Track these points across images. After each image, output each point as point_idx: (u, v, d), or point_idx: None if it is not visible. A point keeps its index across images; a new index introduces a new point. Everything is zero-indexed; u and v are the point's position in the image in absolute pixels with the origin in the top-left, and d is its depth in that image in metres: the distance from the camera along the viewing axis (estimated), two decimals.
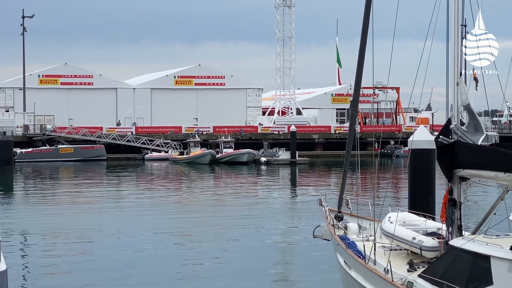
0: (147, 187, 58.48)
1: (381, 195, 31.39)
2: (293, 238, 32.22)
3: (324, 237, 21.38)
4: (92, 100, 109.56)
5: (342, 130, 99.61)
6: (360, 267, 17.03)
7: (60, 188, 57.73)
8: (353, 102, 21.70)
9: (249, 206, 43.95)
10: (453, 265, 14.29)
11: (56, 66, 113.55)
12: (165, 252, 28.16)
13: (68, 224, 35.64)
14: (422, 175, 24.71)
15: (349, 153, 20.82)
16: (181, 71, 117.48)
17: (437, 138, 15.93)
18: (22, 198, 50.86)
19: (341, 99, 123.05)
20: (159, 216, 38.97)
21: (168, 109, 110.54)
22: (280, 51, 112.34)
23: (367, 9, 19.32)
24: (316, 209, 29.45)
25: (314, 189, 52.84)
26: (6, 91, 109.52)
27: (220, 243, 30.79)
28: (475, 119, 15.88)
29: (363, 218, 20.41)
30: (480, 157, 14.88)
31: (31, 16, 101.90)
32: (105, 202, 46.96)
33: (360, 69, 19.69)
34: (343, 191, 21.12)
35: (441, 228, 16.54)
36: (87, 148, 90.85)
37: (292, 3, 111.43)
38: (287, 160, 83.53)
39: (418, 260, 16.20)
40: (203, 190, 56.46)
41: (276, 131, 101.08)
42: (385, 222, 17.83)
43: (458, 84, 15.78)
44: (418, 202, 23.96)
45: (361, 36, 19.39)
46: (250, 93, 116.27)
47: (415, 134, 24.78)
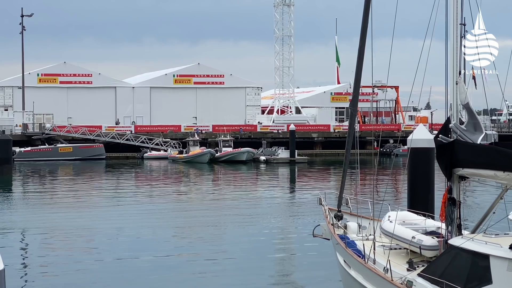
0: (146, 186, 58.46)
1: (381, 194, 31.43)
2: (292, 237, 32.21)
3: (323, 236, 21.37)
4: (91, 99, 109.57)
5: (341, 129, 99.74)
6: (359, 266, 17.02)
7: (59, 187, 57.71)
8: (353, 101, 21.71)
9: (249, 205, 43.95)
10: (453, 264, 14.28)
11: (55, 65, 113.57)
12: (163, 252, 28.10)
13: (67, 223, 35.61)
14: (421, 174, 24.73)
15: (348, 152, 20.81)
16: (180, 70, 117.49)
17: (437, 137, 15.92)
18: (21, 197, 50.83)
19: (340, 98, 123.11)
20: (158, 215, 38.93)
21: (167, 108, 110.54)
22: (280, 50, 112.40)
23: (366, 8, 19.31)
24: (316, 208, 29.46)
25: (313, 188, 52.83)
26: (5, 90, 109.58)
27: (219, 242, 30.80)
28: (474, 118, 15.86)
29: (362, 217, 20.40)
30: (479, 156, 14.85)
31: (30, 15, 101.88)
32: (104, 201, 46.94)
33: (359, 68, 19.67)
34: (342, 190, 21.12)
35: (441, 227, 16.53)
36: (86, 147, 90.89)
37: (292, 2, 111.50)
38: (286, 159, 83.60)
39: (417, 259, 16.20)
40: (202, 189, 56.45)
41: (275, 130, 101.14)
42: (385, 221, 17.83)
43: (457, 83, 15.76)
44: (417, 201, 23.98)
45: (360, 35, 19.38)
46: (249, 92, 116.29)
47: (414, 133, 24.80)
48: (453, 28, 15.72)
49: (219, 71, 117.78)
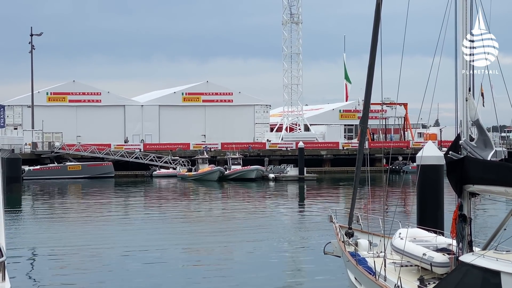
0: (155, 204, 58.50)
1: (391, 211, 31.40)
2: (303, 255, 32.18)
3: (334, 254, 21.39)
4: (100, 117, 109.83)
5: (350, 146, 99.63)
6: (370, 283, 17.01)
7: (68, 206, 57.79)
8: (363, 118, 21.75)
9: (259, 222, 43.92)
10: (464, 281, 14.26)
11: (64, 83, 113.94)
12: (173, 269, 28.13)
13: (76, 241, 35.63)
14: (431, 190, 24.71)
15: (359, 169, 20.84)
16: (189, 88, 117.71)
17: (447, 154, 15.93)
18: (30, 215, 50.89)
19: (349, 115, 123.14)
20: (167, 233, 38.96)
21: (176, 126, 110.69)
22: (288, 68, 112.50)
23: (375, 25, 19.38)
24: (326, 225, 29.45)
25: (323, 205, 52.79)
26: (15, 109, 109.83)
27: (229, 260, 30.77)
28: (484, 135, 15.88)
29: (373, 235, 20.40)
30: (490, 172, 14.86)
31: (39, 34, 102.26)
32: (113, 219, 46.98)
33: (369, 85, 19.74)
34: (353, 208, 21.14)
35: (452, 244, 16.52)
36: (95, 165, 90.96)
37: (300, 19, 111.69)
38: (295, 177, 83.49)
39: (428, 276, 16.18)
40: (211, 207, 56.45)
41: (284, 148, 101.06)
42: (396, 238, 17.83)
43: (467, 99, 15.80)
44: (427, 218, 23.95)
45: (370, 53, 19.45)
46: (258, 110, 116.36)
47: (424, 150, 24.80)
48: (462, 45, 15.77)
49: (227, 88, 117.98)
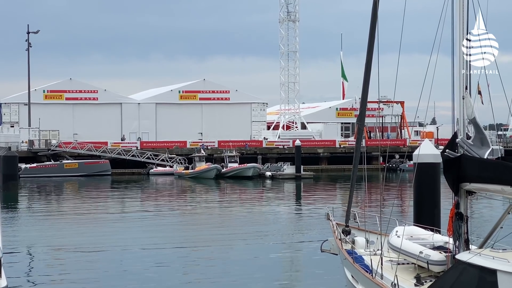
0: (152, 202, 58.47)
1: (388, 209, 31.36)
2: (300, 252, 32.19)
3: (331, 251, 21.40)
4: (97, 115, 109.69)
5: (347, 144, 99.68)
6: (367, 281, 17.03)
7: (65, 204, 57.76)
8: (360, 116, 21.75)
9: (255, 220, 43.94)
10: (460, 279, 14.27)
11: (61, 81, 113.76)
12: (170, 268, 28.12)
13: (73, 239, 35.62)
14: (428, 189, 24.71)
15: (356, 167, 20.84)
16: (186, 86, 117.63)
17: (443, 152, 15.94)
18: (27, 213, 50.85)
19: (346, 113, 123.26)
20: (164, 231, 38.95)
21: (173, 123, 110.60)
22: (285, 66, 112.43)
23: (373, 23, 19.38)
24: (323, 223, 29.45)
25: (319, 203, 52.80)
26: (11, 107, 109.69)
27: (226, 258, 30.74)
28: (481, 133, 15.88)
29: (370, 232, 20.41)
30: (487, 170, 14.88)
31: (36, 32, 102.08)
32: (110, 217, 46.95)
33: (366, 83, 19.73)
34: (350, 205, 21.14)
35: (448, 242, 16.54)
36: (92, 163, 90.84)
37: (297, 17, 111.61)
38: (292, 175, 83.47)
39: (425, 274, 16.20)
40: (208, 205, 56.45)
41: (281, 146, 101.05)
42: (392, 236, 17.84)
43: (464, 98, 15.80)
44: (424, 216, 23.95)
45: (367, 51, 19.44)
46: (254, 108, 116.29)
47: (420, 148, 24.79)
48: (459, 43, 15.78)
49: (224, 87, 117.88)
